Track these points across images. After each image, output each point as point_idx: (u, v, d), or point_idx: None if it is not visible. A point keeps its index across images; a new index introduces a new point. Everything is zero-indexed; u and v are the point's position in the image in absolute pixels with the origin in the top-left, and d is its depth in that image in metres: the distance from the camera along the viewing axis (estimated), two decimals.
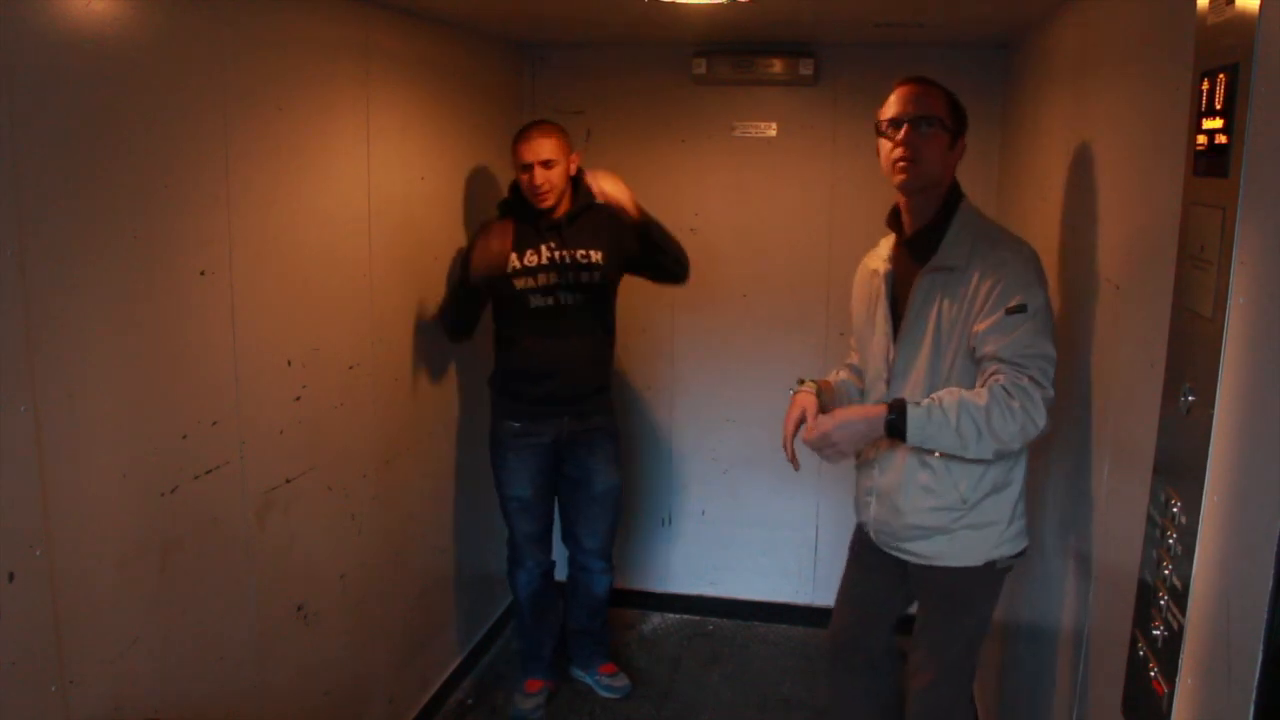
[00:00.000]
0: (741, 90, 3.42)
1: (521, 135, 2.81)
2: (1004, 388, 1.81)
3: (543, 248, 2.84)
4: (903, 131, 1.95)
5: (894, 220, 2.11)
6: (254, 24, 2.01)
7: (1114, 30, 1.87)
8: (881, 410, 1.91)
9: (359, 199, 2.48)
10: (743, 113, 3.45)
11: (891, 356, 2.05)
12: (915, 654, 2.21)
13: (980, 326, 1.89)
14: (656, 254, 2.91)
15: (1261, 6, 0.95)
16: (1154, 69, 1.54)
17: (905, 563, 2.16)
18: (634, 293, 3.62)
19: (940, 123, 1.95)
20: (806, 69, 3.29)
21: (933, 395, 1.90)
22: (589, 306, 2.91)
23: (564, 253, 2.85)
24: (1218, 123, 1.05)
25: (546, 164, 2.77)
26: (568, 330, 2.89)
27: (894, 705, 2.37)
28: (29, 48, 1.46)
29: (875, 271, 2.15)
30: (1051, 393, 1.82)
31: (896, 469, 2.06)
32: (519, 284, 2.83)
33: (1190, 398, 1.10)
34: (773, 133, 3.44)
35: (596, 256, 2.88)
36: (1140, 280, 1.56)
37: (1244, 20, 0.99)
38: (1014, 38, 3.03)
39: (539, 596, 3.15)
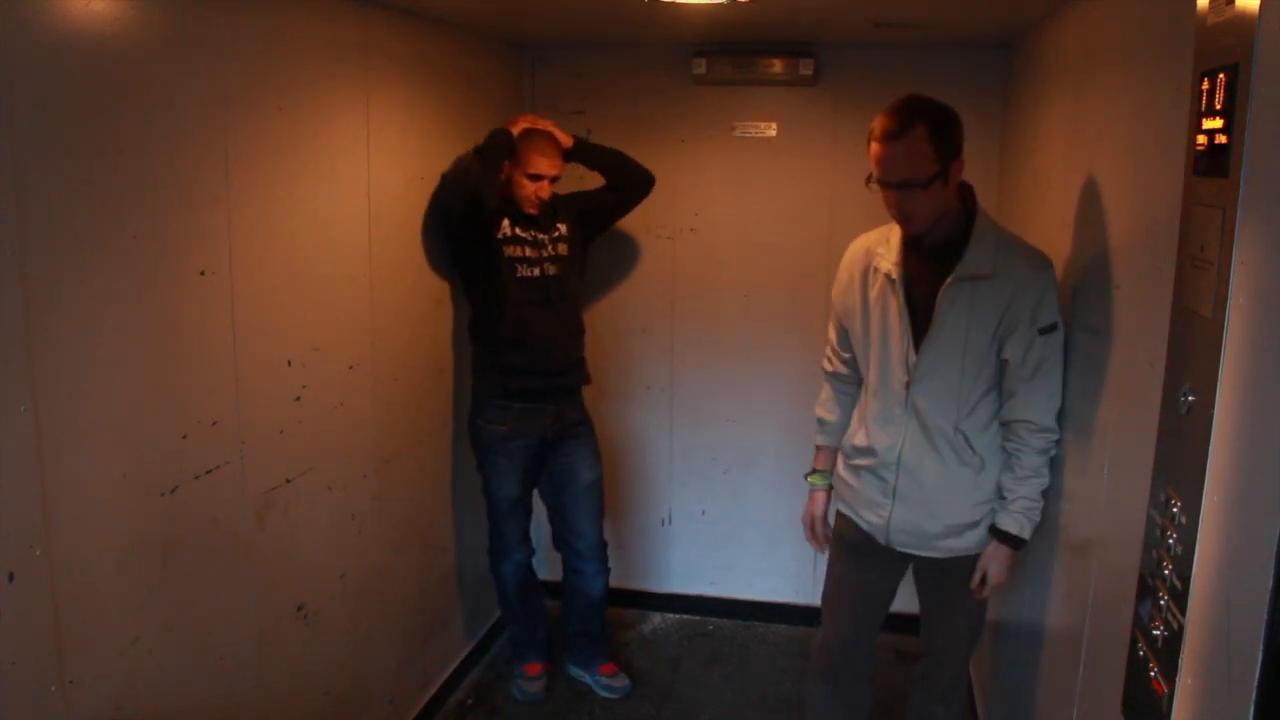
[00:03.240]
0: (741, 90, 3.41)
1: (536, 145, 2.88)
2: (1039, 454, 2.06)
3: (532, 233, 2.97)
4: (892, 195, 1.98)
5: None
6: (254, 24, 2.01)
7: (1114, 30, 1.87)
8: (1001, 546, 2.12)
9: (359, 199, 2.48)
10: (743, 113, 3.45)
11: (913, 361, 2.08)
12: (934, 640, 2.36)
13: (1014, 340, 1.99)
14: (607, 170, 3.10)
15: (1261, 6, 0.95)
16: (1154, 69, 1.54)
17: (909, 559, 2.27)
18: (634, 292, 3.63)
19: (926, 181, 1.93)
20: (806, 69, 3.28)
21: (1008, 495, 2.09)
22: (565, 277, 3.03)
23: (544, 237, 2.99)
24: (1218, 123, 1.05)
25: (554, 179, 2.91)
26: (552, 299, 2.99)
27: (868, 699, 2.48)
28: (29, 48, 1.46)
29: (885, 274, 2.13)
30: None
31: (934, 473, 2.12)
32: (508, 251, 2.92)
33: (1190, 398, 1.10)
34: (773, 133, 3.44)
35: (563, 228, 3.04)
36: (1140, 280, 1.56)
37: (1244, 20, 0.99)
38: (1014, 38, 3.03)
39: (526, 584, 3.20)
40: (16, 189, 1.44)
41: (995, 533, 2.12)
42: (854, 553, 2.35)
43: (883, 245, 2.16)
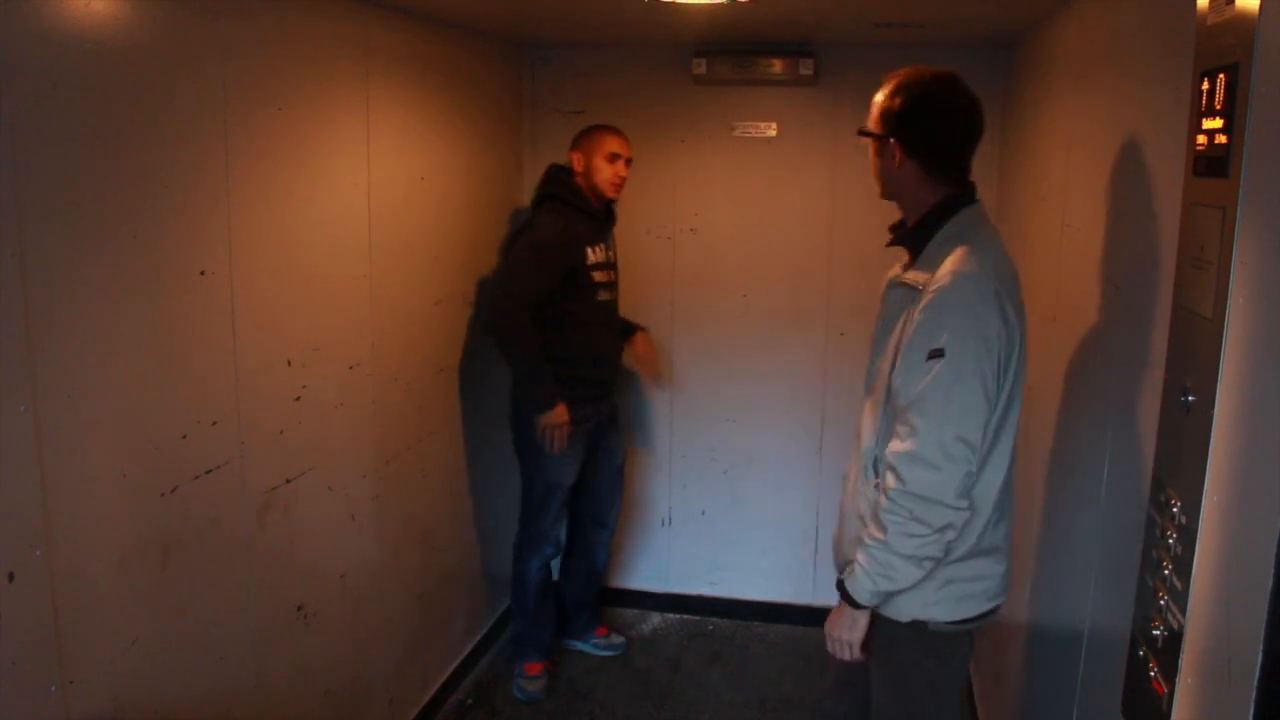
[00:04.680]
0: (741, 90, 3.42)
1: (612, 130, 3.10)
2: (886, 502, 1.69)
3: (600, 246, 3.10)
4: None
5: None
6: (254, 24, 2.01)
7: (1114, 30, 1.87)
8: (840, 597, 1.83)
9: (359, 199, 2.48)
10: (743, 113, 3.45)
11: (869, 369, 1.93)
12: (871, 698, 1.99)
13: (899, 363, 1.72)
14: None
15: (1261, 6, 0.95)
16: (1154, 69, 1.54)
17: None
18: (634, 292, 3.63)
19: (865, 134, 1.86)
20: (806, 69, 3.28)
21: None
22: (618, 300, 3.23)
23: (611, 252, 3.18)
24: (1218, 123, 1.05)
25: (629, 161, 3.09)
26: (615, 320, 3.23)
27: None
28: (29, 48, 1.46)
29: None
30: (924, 487, 1.65)
31: (849, 492, 1.91)
32: (596, 276, 3.07)
33: (1190, 398, 1.10)
34: (773, 133, 3.44)
35: (616, 258, 3.23)
36: (1140, 280, 1.56)
37: (1244, 20, 0.99)
38: (1014, 38, 3.03)
39: (546, 584, 3.26)
40: (16, 189, 1.44)
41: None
42: None
43: None
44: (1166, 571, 1.14)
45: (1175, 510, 1.13)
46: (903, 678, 1.90)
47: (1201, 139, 1.09)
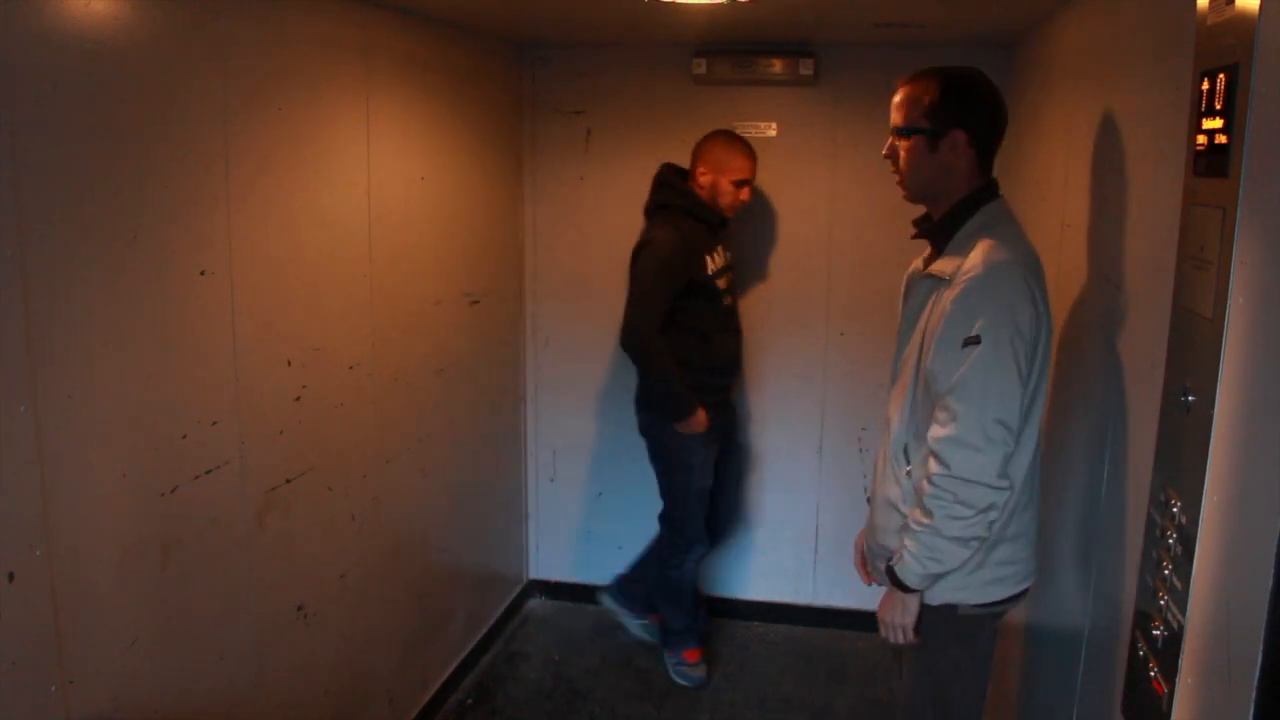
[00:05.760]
0: (741, 90, 3.41)
1: (743, 149, 3.07)
2: (931, 488, 1.72)
3: (719, 251, 3.10)
4: (887, 143, 1.88)
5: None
6: (254, 24, 2.01)
7: (1114, 30, 1.87)
8: (890, 583, 1.87)
9: (359, 199, 2.48)
10: (743, 113, 3.44)
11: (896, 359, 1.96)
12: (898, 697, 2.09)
13: (932, 352, 1.74)
14: None
15: (1261, 6, 0.95)
16: (1154, 69, 1.54)
17: None
18: None
19: (911, 131, 1.83)
20: (806, 69, 3.28)
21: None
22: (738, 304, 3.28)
23: (729, 255, 3.19)
24: (1218, 123, 1.05)
25: (752, 183, 3.12)
26: (736, 325, 3.26)
27: None
28: (29, 48, 1.47)
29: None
30: (968, 469, 1.68)
31: (880, 475, 1.92)
32: (719, 284, 3.09)
33: (1190, 398, 1.10)
34: (773, 133, 3.44)
35: (734, 260, 3.27)
36: (1140, 280, 1.57)
37: (1244, 20, 0.99)
38: (1014, 38, 3.03)
39: (695, 579, 3.38)
40: (17, 189, 1.44)
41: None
42: None
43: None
44: (1166, 571, 1.14)
45: (1175, 510, 1.13)
46: (930, 660, 1.94)
47: (1201, 139, 1.09)
